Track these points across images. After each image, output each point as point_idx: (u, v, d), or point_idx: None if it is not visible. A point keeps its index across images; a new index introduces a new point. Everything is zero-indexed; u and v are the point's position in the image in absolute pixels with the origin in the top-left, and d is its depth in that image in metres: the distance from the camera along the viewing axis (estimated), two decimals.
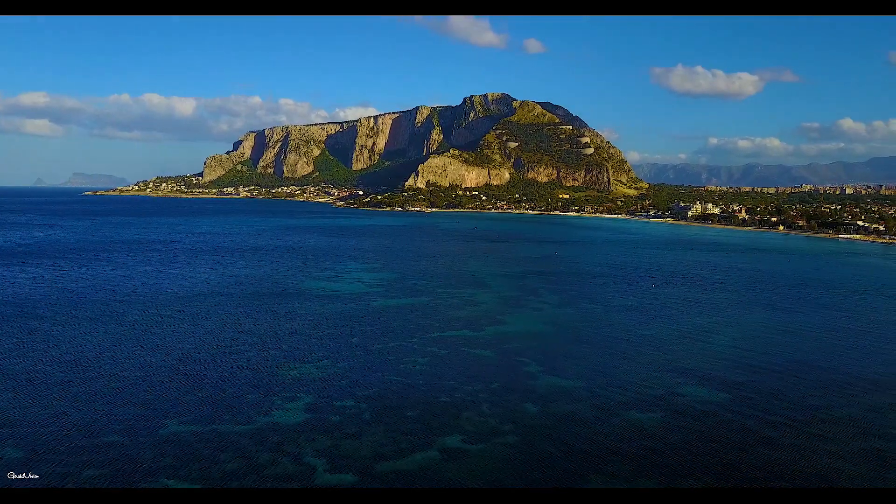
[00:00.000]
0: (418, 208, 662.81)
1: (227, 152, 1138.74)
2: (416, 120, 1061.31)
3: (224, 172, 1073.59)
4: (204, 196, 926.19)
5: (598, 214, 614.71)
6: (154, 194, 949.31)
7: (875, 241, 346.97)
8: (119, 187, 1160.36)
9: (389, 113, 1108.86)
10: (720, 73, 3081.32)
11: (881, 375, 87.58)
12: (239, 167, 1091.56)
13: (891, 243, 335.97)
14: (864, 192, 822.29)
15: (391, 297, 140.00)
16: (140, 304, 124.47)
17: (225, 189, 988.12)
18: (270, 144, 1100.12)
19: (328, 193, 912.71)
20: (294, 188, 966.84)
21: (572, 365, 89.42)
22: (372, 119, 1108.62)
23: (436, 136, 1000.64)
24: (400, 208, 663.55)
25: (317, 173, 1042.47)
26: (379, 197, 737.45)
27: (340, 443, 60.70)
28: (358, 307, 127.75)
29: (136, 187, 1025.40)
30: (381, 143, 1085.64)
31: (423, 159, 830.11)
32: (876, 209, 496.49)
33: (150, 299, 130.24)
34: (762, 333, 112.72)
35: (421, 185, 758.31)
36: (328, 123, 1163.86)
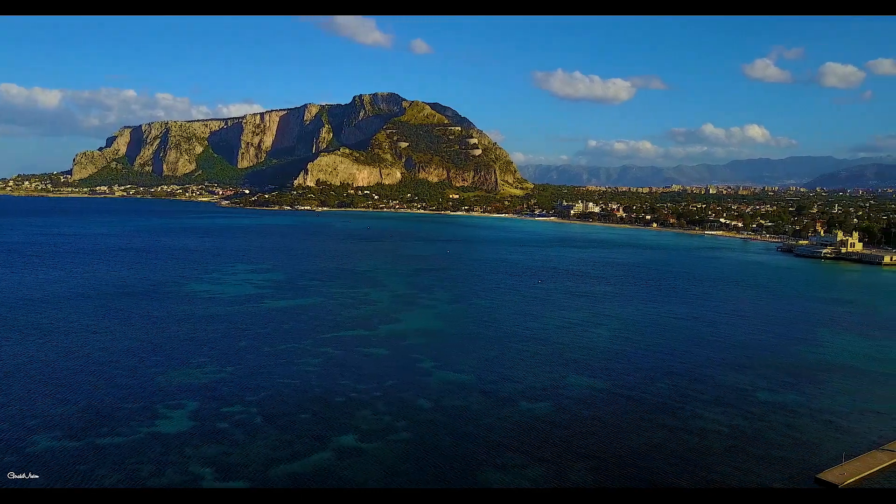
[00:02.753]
0: (308, 207, 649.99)
1: (100, 149, 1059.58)
2: (305, 118, 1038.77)
3: (97, 170, 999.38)
4: (74, 195, 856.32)
5: (487, 214, 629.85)
6: (15, 193, 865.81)
7: (735, 237, 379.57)
8: None
9: (277, 110, 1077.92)
10: (597, 79, 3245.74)
11: (741, 357, 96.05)
12: (113, 165, 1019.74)
13: (748, 238, 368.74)
14: (725, 192, 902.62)
15: (282, 299, 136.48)
16: None
17: (98, 188, 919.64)
18: (148, 141, 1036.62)
19: (212, 192, 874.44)
20: (175, 187, 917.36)
21: (465, 360, 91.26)
22: (258, 116, 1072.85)
23: (325, 134, 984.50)
24: (289, 207, 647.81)
25: (200, 171, 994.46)
26: (267, 196, 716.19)
27: (229, 450, 58.56)
28: (246, 309, 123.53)
29: None
30: (269, 140, 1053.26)
31: (313, 158, 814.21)
32: (735, 208, 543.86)
33: (9, 305, 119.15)
34: (638, 323, 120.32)
35: (311, 183, 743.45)
36: (211, 120, 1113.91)
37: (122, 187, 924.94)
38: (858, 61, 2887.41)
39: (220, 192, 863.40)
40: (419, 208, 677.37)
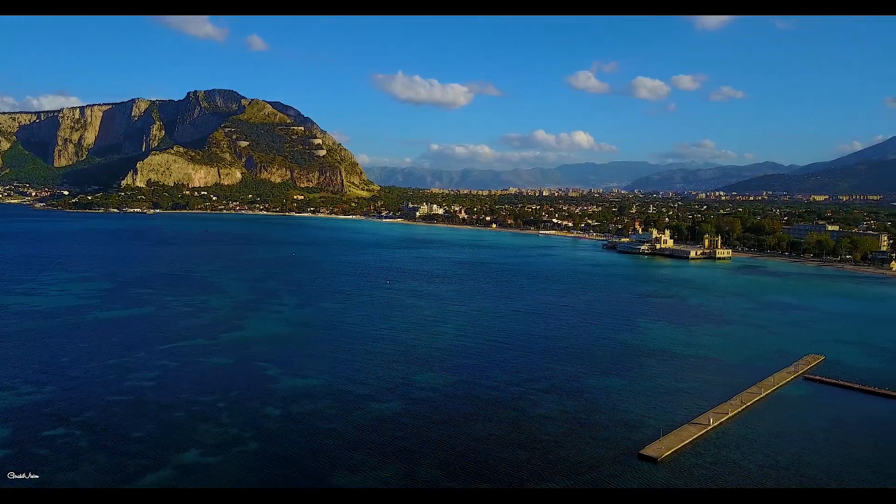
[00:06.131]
0: (139, 210, 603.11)
1: None
2: (133, 113, 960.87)
3: None
4: None
5: (333, 215, 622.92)
6: None
7: (566, 236, 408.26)
8: None
9: (100, 104, 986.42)
10: (436, 83, 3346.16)
11: (572, 347, 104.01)
12: None
13: (578, 237, 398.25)
14: (557, 194, 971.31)
15: (109, 309, 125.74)
16: None
17: None
18: None
19: (24, 194, 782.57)
20: None
21: (313, 364, 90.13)
22: (78, 110, 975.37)
23: (157, 131, 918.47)
24: (116, 210, 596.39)
25: (7, 170, 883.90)
26: (89, 197, 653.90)
27: (50, 477, 53.25)
28: (67, 322, 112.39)
29: None
30: (91, 137, 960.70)
31: (143, 156, 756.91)
32: (566, 209, 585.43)
33: None
34: (480, 320, 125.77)
35: (141, 184, 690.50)
36: (20, 113, 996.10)
37: None
38: (664, 76, 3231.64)
39: (34, 194, 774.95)
40: (262, 210, 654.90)
